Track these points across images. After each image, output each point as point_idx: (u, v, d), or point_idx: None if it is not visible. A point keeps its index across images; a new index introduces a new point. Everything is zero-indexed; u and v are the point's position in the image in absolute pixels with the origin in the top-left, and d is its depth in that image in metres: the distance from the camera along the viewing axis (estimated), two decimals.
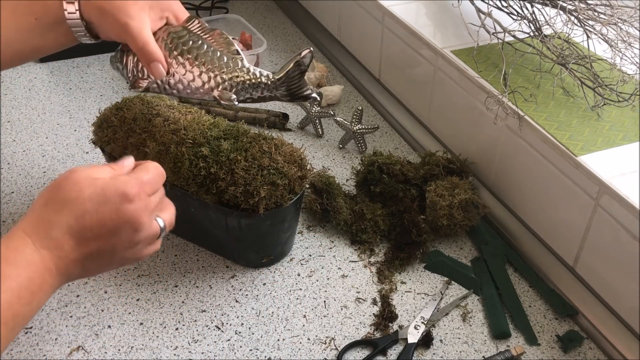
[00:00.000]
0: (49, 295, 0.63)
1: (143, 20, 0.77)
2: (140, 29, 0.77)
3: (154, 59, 0.78)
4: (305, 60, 0.81)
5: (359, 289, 0.90)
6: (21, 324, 0.60)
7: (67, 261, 0.62)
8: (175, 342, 0.82)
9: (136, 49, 0.78)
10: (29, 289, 0.59)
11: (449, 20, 1.15)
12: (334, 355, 0.81)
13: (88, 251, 0.63)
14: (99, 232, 0.62)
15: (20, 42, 0.78)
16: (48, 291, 0.62)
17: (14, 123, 1.21)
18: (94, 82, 1.32)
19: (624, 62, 0.92)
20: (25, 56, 0.82)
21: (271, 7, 1.65)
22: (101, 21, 0.78)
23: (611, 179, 0.80)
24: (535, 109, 0.92)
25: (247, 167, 0.83)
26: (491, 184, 1.03)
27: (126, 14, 0.76)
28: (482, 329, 0.85)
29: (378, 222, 0.96)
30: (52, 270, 0.61)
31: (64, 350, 0.81)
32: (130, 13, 0.76)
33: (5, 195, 1.04)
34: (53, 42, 0.81)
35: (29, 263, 0.60)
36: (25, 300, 0.59)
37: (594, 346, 0.83)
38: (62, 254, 0.61)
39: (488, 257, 0.93)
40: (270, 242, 0.90)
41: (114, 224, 0.63)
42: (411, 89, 1.20)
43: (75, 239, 0.62)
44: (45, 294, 0.62)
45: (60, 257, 0.61)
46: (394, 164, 0.99)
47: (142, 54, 0.78)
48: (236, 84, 0.80)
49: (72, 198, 0.62)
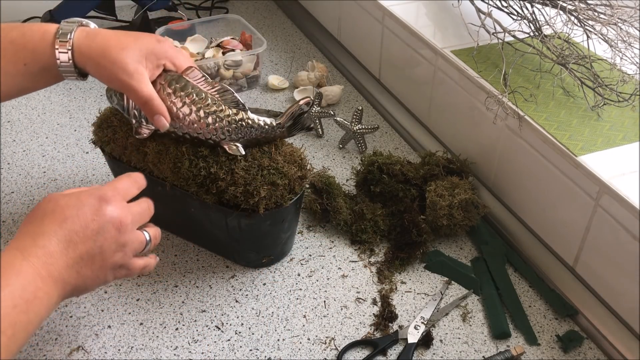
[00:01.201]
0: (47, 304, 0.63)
1: (141, 74, 0.77)
2: (140, 84, 0.76)
3: (158, 112, 0.79)
4: (305, 107, 0.85)
5: (359, 289, 0.90)
6: (22, 334, 0.60)
7: (58, 267, 0.63)
8: (175, 342, 0.82)
9: (140, 104, 0.78)
10: (23, 297, 0.60)
11: (449, 20, 1.15)
12: (334, 355, 0.81)
13: (78, 255, 0.64)
14: (84, 233, 0.64)
15: (8, 85, 0.78)
16: (44, 299, 0.62)
17: (14, 123, 1.21)
18: (94, 82, 1.32)
19: (624, 62, 0.92)
20: (14, 95, 0.82)
21: (271, 7, 1.65)
22: (98, 75, 0.78)
23: (611, 179, 0.80)
24: (535, 109, 0.92)
25: (247, 167, 0.83)
26: (491, 184, 1.03)
27: (124, 71, 0.76)
28: (482, 329, 0.85)
29: (378, 222, 0.96)
30: (44, 276, 0.62)
31: (64, 350, 0.81)
32: (128, 69, 0.76)
33: (5, 195, 1.04)
34: (43, 84, 0.82)
35: (20, 272, 0.61)
36: (21, 309, 0.59)
37: (594, 346, 0.83)
38: (52, 260, 0.62)
39: (488, 257, 0.93)
40: (270, 242, 0.90)
41: (96, 224, 0.65)
42: (411, 89, 1.20)
43: (62, 243, 0.63)
44: (42, 302, 0.62)
45: (51, 264, 0.62)
46: (394, 164, 0.99)
47: (146, 109, 0.79)
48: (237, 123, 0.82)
49: (50, 210, 0.65)
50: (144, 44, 0.78)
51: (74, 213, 0.65)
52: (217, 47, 1.29)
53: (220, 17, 1.41)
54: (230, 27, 1.38)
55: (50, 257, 0.62)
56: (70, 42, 0.76)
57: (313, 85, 1.29)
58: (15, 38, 0.77)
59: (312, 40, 1.49)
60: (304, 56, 1.43)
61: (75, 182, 1.07)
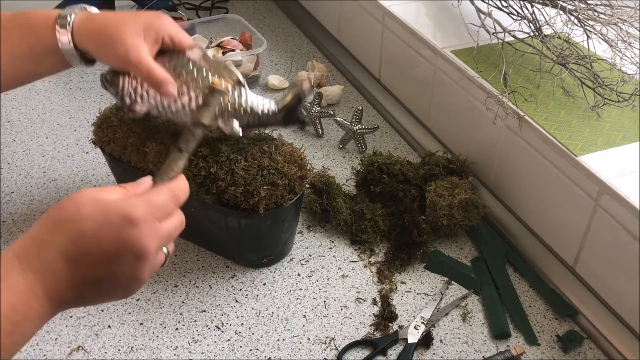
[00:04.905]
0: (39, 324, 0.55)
1: (140, 47, 0.76)
2: (139, 57, 0.76)
3: (162, 81, 0.77)
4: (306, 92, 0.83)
5: (359, 289, 0.90)
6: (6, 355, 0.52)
7: (58, 286, 0.54)
8: (175, 342, 0.82)
9: (143, 77, 0.78)
10: (11, 319, 0.52)
11: (449, 20, 1.15)
12: (334, 355, 0.81)
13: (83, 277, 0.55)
14: (96, 258, 0.54)
15: (16, 69, 0.79)
16: (36, 320, 0.54)
17: (14, 123, 1.21)
18: (94, 82, 1.32)
19: (624, 62, 0.92)
20: (22, 81, 0.82)
21: (271, 7, 1.65)
22: (99, 53, 0.78)
23: (611, 179, 0.80)
24: (535, 109, 0.92)
25: (247, 167, 0.83)
26: (491, 184, 1.03)
27: (123, 45, 0.75)
28: (482, 329, 0.85)
29: (378, 222, 0.96)
30: (40, 296, 0.53)
31: (64, 350, 0.81)
32: (127, 43, 0.76)
33: (5, 195, 1.04)
34: (49, 68, 0.81)
35: (13, 290, 0.52)
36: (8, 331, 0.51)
37: (594, 346, 0.83)
38: (52, 278, 0.54)
39: (488, 257, 0.93)
40: (270, 242, 0.90)
41: (114, 250, 0.55)
42: (411, 89, 1.20)
43: (69, 263, 0.54)
44: (32, 323, 0.54)
45: (51, 282, 0.54)
46: (394, 164, 0.99)
47: (150, 80, 0.78)
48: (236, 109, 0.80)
49: (69, 217, 0.55)
50: (142, 18, 0.78)
51: (92, 230, 0.54)
52: (217, 47, 1.29)
53: (220, 17, 1.41)
54: (230, 27, 1.38)
55: (51, 274, 0.54)
56: (70, 23, 0.77)
57: (313, 85, 1.29)
58: (22, 22, 0.78)
59: (312, 40, 1.49)
60: (304, 56, 1.43)
61: (75, 182, 1.07)
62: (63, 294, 0.55)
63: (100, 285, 0.56)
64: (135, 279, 0.57)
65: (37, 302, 0.53)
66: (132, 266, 0.56)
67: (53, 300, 0.54)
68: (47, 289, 0.54)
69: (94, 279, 0.55)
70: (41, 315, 0.54)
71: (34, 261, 0.53)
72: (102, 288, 0.56)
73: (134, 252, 0.55)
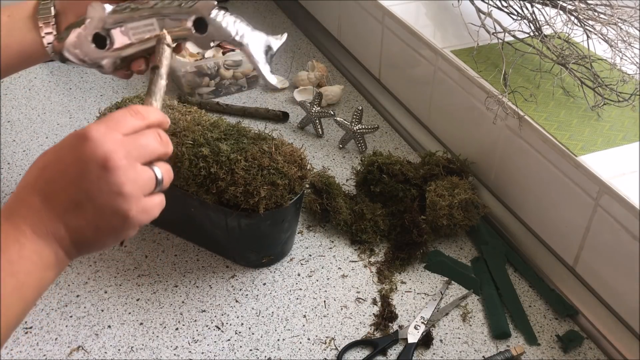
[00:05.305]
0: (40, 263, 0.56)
1: None
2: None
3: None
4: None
5: (359, 289, 0.90)
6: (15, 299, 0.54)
7: (43, 222, 0.55)
8: (175, 342, 0.82)
9: None
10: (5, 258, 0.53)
11: (449, 20, 1.15)
12: (334, 355, 0.81)
13: (61, 205, 0.56)
14: (63, 181, 0.56)
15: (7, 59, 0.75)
16: (33, 257, 0.55)
17: (14, 123, 1.21)
18: (94, 82, 1.32)
19: (624, 62, 0.92)
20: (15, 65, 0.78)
21: (271, 7, 1.65)
22: None
23: (611, 179, 0.80)
24: (535, 109, 0.92)
25: (247, 167, 0.83)
26: (491, 184, 1.03)
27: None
28: (482, 329, 0.85)
29: (378, 222, 0.96)
30: (27, 233, 0.55)
31: (64, 350, 0.81)
32: None
33: (5, 196, 1.04)
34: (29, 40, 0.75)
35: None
36: (7, 271, 0.53)
37: (594, 346, 0.83)
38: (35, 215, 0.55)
39: (488, 257, 0.93)
40: (270, 242, 0.90)
41: (76, 167, 0.55)
42: (411, 89, 1.20)
43: (42, 195, 0.55)
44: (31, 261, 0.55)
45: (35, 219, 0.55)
46: (394, 164, 0.99)
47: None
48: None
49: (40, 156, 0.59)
50: None
51: (52, 158, 0.57)
52: (217, 47, 1.29)
53: None
54: None
55: (33, 212, 0.55)
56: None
57: (313, 85, 1.29)
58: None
59: (312, 40, 1.49)
60: (304, 56, 1.43)
61: None
62: (50, 227, 0.55)
63: (84, 210, 0.56)
64: (117, 193, 0.56)
65: (27, 239, 0.55)
66: (102, 178, 0.55)
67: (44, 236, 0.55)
68: (34, 227, 0.55)
69: (70, 202, 0.55)
70: (38, 252, 0.55)
71: (15, 205, 0.56)
72: (87, 212, 0.56)
73: (96, 162, 0.55)
